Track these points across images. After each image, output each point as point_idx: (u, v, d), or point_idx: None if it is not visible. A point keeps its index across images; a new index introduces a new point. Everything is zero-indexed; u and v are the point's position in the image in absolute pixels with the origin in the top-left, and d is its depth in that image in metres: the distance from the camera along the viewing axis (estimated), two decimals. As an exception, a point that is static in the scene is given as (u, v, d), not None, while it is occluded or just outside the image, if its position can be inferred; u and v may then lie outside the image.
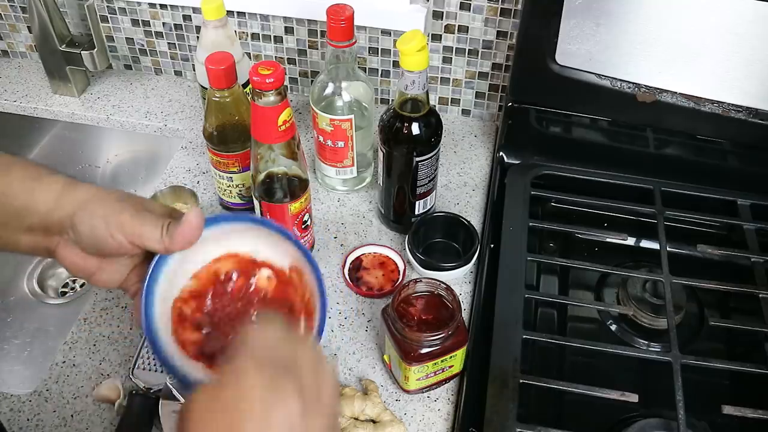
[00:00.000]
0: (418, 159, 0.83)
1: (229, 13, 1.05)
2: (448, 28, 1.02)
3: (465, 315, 0.83)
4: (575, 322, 0.85)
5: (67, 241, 0.57)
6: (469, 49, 1.04)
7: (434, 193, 0.90)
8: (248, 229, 0.60)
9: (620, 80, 0.89)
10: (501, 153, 1.00)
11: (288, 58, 1.12)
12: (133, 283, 0.60)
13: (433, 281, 0.74)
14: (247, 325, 0.57)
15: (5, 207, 0.56)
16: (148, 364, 0.77)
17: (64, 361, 0.79)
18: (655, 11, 0.82)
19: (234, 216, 0.72)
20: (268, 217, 0.83)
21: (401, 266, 0.88)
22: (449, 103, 1.11)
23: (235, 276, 0.60)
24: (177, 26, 1.13)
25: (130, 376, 0.76)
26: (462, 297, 0.85)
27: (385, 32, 1.04)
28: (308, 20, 1.06)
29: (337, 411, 0.48)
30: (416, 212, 0.90)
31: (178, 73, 1.20)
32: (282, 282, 0.61)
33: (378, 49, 1.06)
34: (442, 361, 0.72)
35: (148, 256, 0.57)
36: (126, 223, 0.54)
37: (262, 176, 0.80)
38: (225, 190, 0.93)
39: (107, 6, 1.12)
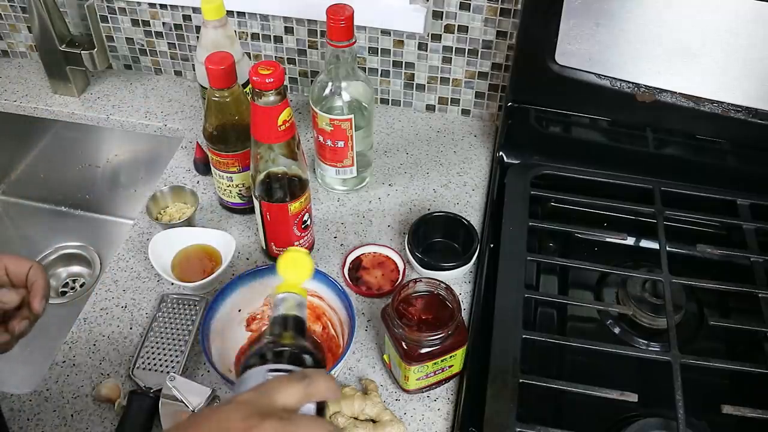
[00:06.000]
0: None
1: (229, 13, 1.05)
2: (448, 28, 1.02)
3: (465, 315, 0.83)
4: (575, 322, 0.85)
5: None
6: (468, 49, 1.04)
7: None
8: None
9: (620, 80, 0.89)
10: (501, 153, 1.00)
11: (288, 58, 1.12)
12: None
13: (433, 281, 0.74)
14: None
15: None
16: (148, 364, 0.77)
17: (64, 361, 0.79)
18: (655, 11, 0.82)
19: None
20: (268, 217, 0.83)
21: (401, 266, 0.88)
22: (449, 103, 1.11)
23: None
24: (177, 26, 1.13)
25: (131, 376, 0.76)
26: (462, 297, 0.85)
27: (385, 32, 1.04)
28: (308, 20, 1.06)
29: None
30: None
31: (178, 73, 1.20)
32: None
33: (378, 49, 1.06)
34: (441, 360, 0.72)
35: None
36: None
37: (262, 176, 0.80)
38: (225, 189, 0.93)
39: (107, 6, 1.12)
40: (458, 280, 0.87)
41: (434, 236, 0.90)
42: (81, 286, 1.17)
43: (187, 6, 1.09)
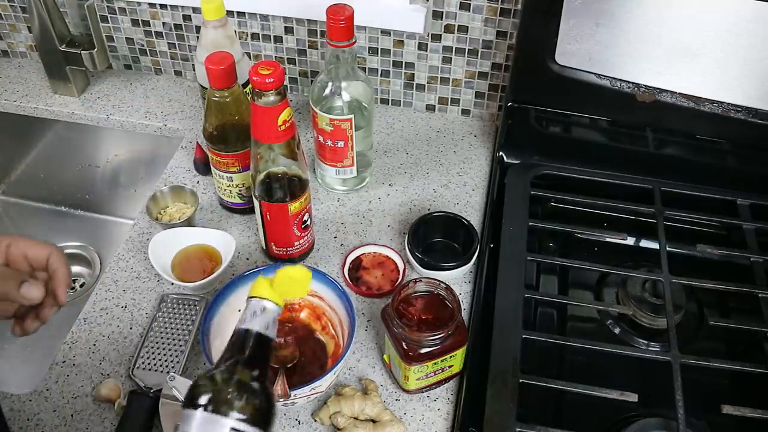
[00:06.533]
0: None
1: (229, 13, 1.05)
2: (448, 28, 1.02)
3: (465, 315, 0.83)
4: (575, 322, 0.85)
5: None
6: (468, 49, 1.04)
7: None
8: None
9: (620, 80, 0.89)
10: (501, 153, 1.00)
11: (288, 58, 1.12)
12: None
13: (433, 281, 0.74)
14: None
15: None
16: (148, 364, 0.77)
17: (64, 361, 0.79)
18: (655, 11, 0.82)
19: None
20: (268, 217, 0.83)
21: (401, 266, 0.88)
22: (449, 103, 1.11)
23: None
24: (177, 26, 1.13)
25: (131, 376, 0.76)
26: (462, 297, 0.85)
27: (385, 32, 1.04)
28: (308, 20, 1.06)
29: None
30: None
31: (178, 73, 1.20)
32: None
33: (378, 49, 1.06)
34: (441, 360, 0.72)
35: None
36: None
37: (261, 176, 0.80)
38: (225, 189, 0.93)
39: (107, 6, 1.12)
40: (458, 280, 0.87)
41: (434, 236, 0.90)
42: (81, 286, 1.17)
43: (187, 6, 1.09)
